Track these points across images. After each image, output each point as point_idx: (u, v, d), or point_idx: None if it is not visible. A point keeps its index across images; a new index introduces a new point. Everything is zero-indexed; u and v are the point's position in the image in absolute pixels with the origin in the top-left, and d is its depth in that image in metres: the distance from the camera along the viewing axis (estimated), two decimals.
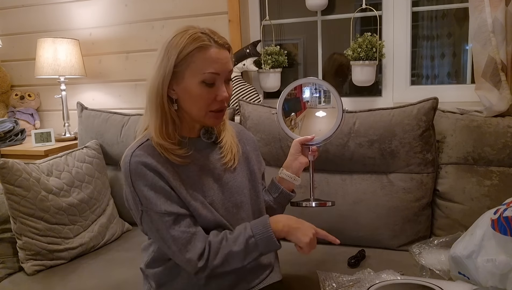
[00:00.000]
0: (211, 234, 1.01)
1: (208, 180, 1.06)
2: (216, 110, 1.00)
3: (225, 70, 0.99)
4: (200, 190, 1.04)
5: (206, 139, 1.07)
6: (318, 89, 1.16)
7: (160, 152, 1.00)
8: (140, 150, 0.99)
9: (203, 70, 0.96)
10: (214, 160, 1.09)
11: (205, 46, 0.95)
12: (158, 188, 0.97)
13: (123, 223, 1.81)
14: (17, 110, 2.47)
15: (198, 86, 0.97)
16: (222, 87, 0.99)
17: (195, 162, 1.05)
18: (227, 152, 1.09)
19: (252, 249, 0.99)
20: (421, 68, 1.98)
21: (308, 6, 1.96)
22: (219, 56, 0.97)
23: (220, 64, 0.97)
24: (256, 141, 1.26)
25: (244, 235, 0.99)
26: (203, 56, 0.95)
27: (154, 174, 0.97)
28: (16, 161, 1.49)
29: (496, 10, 1.49)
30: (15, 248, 1.48)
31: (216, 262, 0.98)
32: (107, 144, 1.90)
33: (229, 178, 1.09)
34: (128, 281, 1.37)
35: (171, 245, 0.98)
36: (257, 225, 1.01)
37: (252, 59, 2.01)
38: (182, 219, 0.99)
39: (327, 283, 1.24)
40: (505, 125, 1.48)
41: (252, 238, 0.98)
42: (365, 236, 1.54)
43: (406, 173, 1.53)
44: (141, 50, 2.26)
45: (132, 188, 0.98)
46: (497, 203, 1.19)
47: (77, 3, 2.34)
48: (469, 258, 1.09)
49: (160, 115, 1.00)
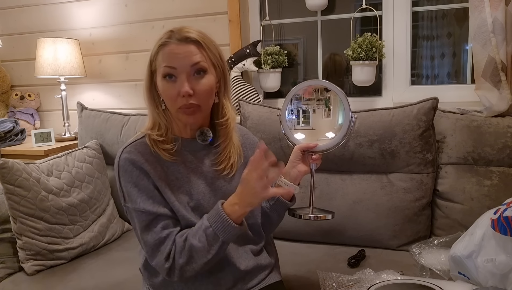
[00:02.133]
0: (178, 235, 1.00)
1: (198, 183, 1.05)
2: (182, 107, 0.98)
3: (184, 64, 0.96)
4: (187, 192, 1.03)
5: (201, 141, 1.06)
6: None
7: (152, 149, 1.01)
8: (131, 147, 1.02)
9: (161, 65, 0.98)
10: (208, 163, 1.07)
11: (164, 43, 0.98)
12: (141, 186, 0.99)
13: (123, 223, 1.81)
14: (17, 110, 2.47)
15: (161, 82, 0.99)
16: (183, 82, 0.96)
17: (186, 163, 1.05)
18: (222, 159, 1.07)
19: (212, 239, 0.95)
20: (421, 68, 1.98)
21: (308, 6, 1.96)
22: (176, 50, 0.96)
23: (176, 58, 0.96)
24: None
25: (201, 227, 0.96)
26: (162, 53, 0.98)
27: (139, 172, 0.99)
28: (16, 161, 1.49)
29: (496, 10, 1.49)
30: (15, 248, 1.48)
31: (182, 261, 0.96)
32: (107, 144, 1.90)
33: (223, 182, 1.08)
34: (128, 281, 1.37)
35: (143, 246, 1.02)
36: (212, 214, 0.97)
37: (252, 59, 2.01)
38: (159, 221, 0.99)
39: (327, 283, 1.24)
40: (505, 125, 1.48)
41: (210, 228, 0.95)
42: (365, 236, 1.54)
43: (406, 173, 1.53)
44: (141, 50, 2.26)
45: (118, 183, 1.02)
46: (497, 203, 1.19)
47: (77, 3, 2.34)
48: (469, 258, 1.09)
49: (151, 114, 1.04)
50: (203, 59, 0.98)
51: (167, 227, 1.00)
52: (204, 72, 0.98)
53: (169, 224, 1.00)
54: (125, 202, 1.02)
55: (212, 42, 1.01)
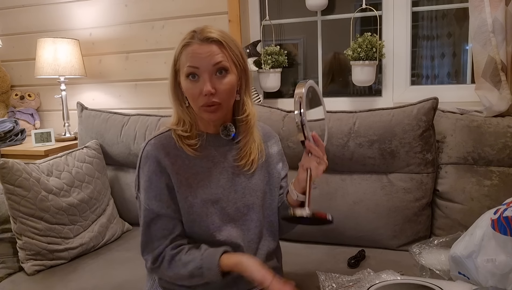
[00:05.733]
0: (170, 246, 1.04)
1: (219, 177, 1.07)
2: (204, 105, 1.00)
3: (206, 63, 0.98)
4: (206, 186, 1.05)
5: (224, 136, 1.08)
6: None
7: (177, 143, 1.05)
8: (156, 139, 1.06)
9: (185, 65, 1.00)
10: (230, 159, 1.09)
11: (187, 44, 1.00)
12: (153, 182, 1.03)
13: (123, 223, 1.81)
14: (17, 110, 2.47)
15: (185, 82, 1.01)
16: (205, 81, 0.98)
17: (209, 158, 1.07)
18: (243, 155, 1.09)
19: (197, 276, 1.01)
20: (421, 68, 1.98)
21: (308, 6, 1.96)
22: (199, 50, 0.98)
23: (198, 58, 0.98)
24: (279, 141, 1.23)
25: (193, 264, 1.01)
26: (185, 53, 1.00)
27: (156, 167, 1.03)
28: (16, 161, 1.49)
29: (496, 10, 1.49)
30: (15, 248, 1.48)
31: (167, 273, 1.04)
32: (107, 144, 1.90)
33: (243, 178, 1.10)
34: (128, 281, 1.37)
35: (140, 235, 1.07)
36: (208, 257, 1.00)
37: (252, 59, 2.01)
38: (159, 220, 1.04)
39: (327, 283, 1.24)
40: (505, 125, 1.48)
41: (200, 269, 1.00)
42: (365, 236, 1.54)
43: (406, 173, 1.53)
44: (141, 50, 2.26)
45: (137, 171, 1.07)
46: (497, 203, 1.19)
47: (77, 3, 2.34)
48: (469, 258, 1.09)
49: (176, 111, 1.07)
50: (224, 58, 1.00)
51: (166, 229, 1.04)
52: (226, 71, 1.00)
53: (168, 226, 1.05)
54: (138, 191, 1.07)
55: (233, 41, 1.03)
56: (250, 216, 1.10)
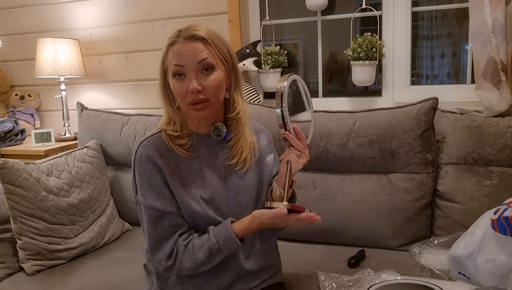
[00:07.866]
0: (182, 237, 1.04)
1: (212, 177, 1.07)
2: (191, 103, 1.00)
3: (191, 61, 0.98)
4: (200, 186, 1.05)
5: (215, 136, 1.08)
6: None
7: (168, 144, 1.04)
8: (148, 141, 1.05)
9: (171, 64, 1.00)
10: (222, 158, 1.09)
11: (172, 42, 1.00)
12: (153, 182, 1.02)
13: (123, 223, 1.81)
14: (17, 110, 2.47)
15: (172, 80, 1.01)
16: (191, 78, 0.98)
17: (201, 158, 1.07)
18: (234, 153, 1.08)
19: (217, 253, 1.01)
20: (421, 68, 1.98)
21: (308, 6, 1.96)
22: (183, 48, 0.98)
23: (183, 56, 0.98)
24: (270, 135, 1.21)
25: (207, 242, 1.01)
26: (171, 52, 1.00)
27: (153, 167, 1.02)
28: (16, 161, 1.49)
29: (496, 10, 1.49)
30: (15, 248, 1.48)
31: (182, 265, 1.02)
32: (107, 144, 1.90)
33: (235, 178, 1.09)
34: (128, 281, 1.37)
35: (147, 239, 1.05)
36: (220, 231, 1.02)
37: (252, 59, 2.00)
38: (166, 218, 1.03)
39: (327, 283, 1.24)
40: (505, 125, 1.48)
41: (216, 244, 1.00)
42: (365, 236, 1.54)
43: (406, 173, 1.53)
44: (141, 50, 2.26)
45: (132, 175, 1.06)
46: (497, 203, 1.19)
47: (77, 3, 2.34)
48: (469, 258, 1.09)
49: (166, 111, 1.07)
50: (210, 55, 0.99)
51: (173, 226, 1.03)
52: (212, 68, 0.99)
53: (176, 223, 1.04)
54: (136, 194, 1.06)
55: (220, 38, 1.03)
56: (244, 215, 1.08)
